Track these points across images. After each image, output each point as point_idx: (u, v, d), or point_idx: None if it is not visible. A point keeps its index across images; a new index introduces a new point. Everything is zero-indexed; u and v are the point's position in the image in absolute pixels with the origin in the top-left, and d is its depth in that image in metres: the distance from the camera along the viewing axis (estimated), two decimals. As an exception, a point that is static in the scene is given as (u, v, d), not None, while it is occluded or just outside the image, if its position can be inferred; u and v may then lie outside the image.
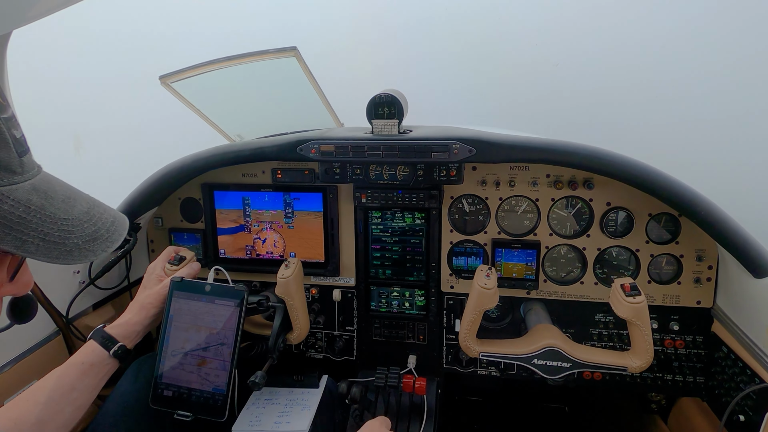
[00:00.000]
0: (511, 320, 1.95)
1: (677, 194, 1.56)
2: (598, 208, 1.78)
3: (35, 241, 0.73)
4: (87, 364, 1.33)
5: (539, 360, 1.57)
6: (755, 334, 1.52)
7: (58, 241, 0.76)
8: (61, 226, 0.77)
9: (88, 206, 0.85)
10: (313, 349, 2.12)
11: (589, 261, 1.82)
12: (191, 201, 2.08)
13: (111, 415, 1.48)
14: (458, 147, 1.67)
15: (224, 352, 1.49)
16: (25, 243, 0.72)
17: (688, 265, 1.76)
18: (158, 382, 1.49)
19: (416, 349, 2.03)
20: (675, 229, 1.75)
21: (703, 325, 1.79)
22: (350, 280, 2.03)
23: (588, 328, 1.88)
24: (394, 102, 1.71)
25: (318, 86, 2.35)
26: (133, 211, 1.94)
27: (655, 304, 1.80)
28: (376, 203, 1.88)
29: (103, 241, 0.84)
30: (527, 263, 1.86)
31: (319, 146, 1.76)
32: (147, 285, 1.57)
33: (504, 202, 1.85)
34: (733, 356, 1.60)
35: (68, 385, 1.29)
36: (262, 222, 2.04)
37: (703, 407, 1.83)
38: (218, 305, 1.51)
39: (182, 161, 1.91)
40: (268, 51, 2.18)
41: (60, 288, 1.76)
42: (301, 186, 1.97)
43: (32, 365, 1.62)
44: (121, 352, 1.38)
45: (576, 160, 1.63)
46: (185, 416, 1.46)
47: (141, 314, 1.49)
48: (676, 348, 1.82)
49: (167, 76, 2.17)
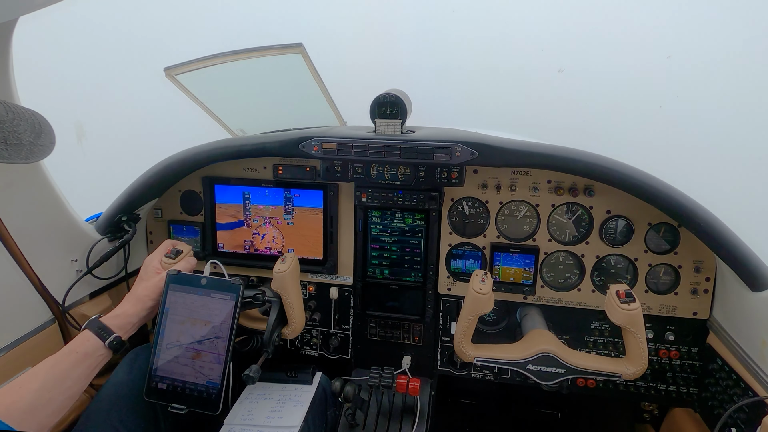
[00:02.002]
0: (507, 324, 1.95)
1: (677, 205, 1.56)
2: (598, 215, 1.78)
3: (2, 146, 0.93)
4: (81, 354, 1.34)
5: (534, 365, 1.57)
6: (750, 348, 1.52)
7: (17, 142, 0.96)
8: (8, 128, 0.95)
9: (4, 106, 1.00)
10: (309, 346, 2.12)
11: (587, 268, 1.82)
12: (191, 194, 2.08)
13: (105, 403, 1.48)
14: (460, 149, 1.67)
15: (219, 346, 1.49)
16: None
17: (685, 276, 1.76)
18: (153, 374, 1.49)
19: (411, 350, 2.03)
20: (674, 240, 1.75)
21: (698, 337, 1.79)
22: (348, 278, 2.03)
23: (584, 335, 1.89)
24: (397, 102, 1.71)
25: (322, 84, 2.35)
26: (133, 202, 1.94)
27: (651, 313, 1.80)
28: (377, 203, 1.88)
29: (46, 134, 1.04)
30: (525, 268, 1.86)
31: (322, 144, 1.76)
32: (144, 277, 1.57)
33: (504, 206, 1.85)
34: (728, 369, 1.60)
35: (61, 374, 1.29)
36: (262, 217, 2.04)
37: (695, 418, 1.83)
38: (214, 299, 1.51)
39: (184, 154, 1.91)
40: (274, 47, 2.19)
41: (57, 276, 1.76)
42: (301, 183, 1.97)
43: (27, 352, 1.62)
44: (116, 343, 1.38)
45: (577, 167, 1.63)
46: (179, 409, 1.46)
47: (137, 306, 1.49)
48: (670, 358, 1.82)
49: (172, 68, 2.17)
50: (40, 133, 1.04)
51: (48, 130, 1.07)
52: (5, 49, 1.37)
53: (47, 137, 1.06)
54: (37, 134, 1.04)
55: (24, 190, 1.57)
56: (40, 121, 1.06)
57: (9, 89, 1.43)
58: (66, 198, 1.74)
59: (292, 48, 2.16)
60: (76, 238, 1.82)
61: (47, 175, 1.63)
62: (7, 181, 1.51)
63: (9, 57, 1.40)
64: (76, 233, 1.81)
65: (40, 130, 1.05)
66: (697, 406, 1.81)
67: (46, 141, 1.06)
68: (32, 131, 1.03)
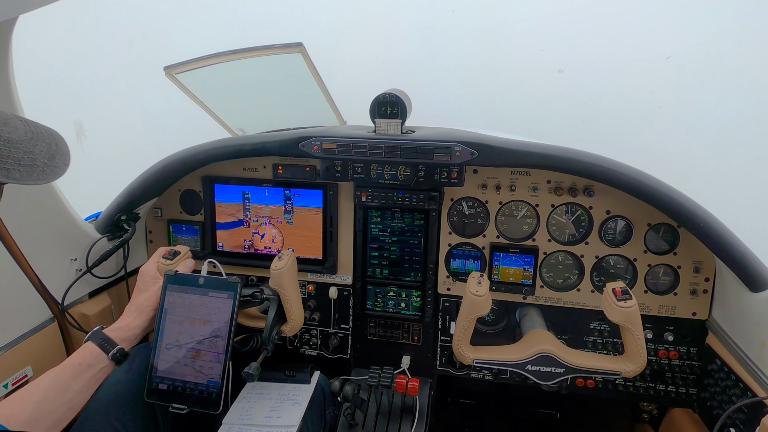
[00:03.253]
0: (506, 324, 1.95)
1: (677, 205, 1.56)
2: (597, 215, 1.78)
3: (15, 167, 0.89)
4: (84, 366, 1.33)
5: (533, 366, 1.57)
6: (749, 348, 1.52)
7: (30, 163, 0.92)
8: (24, 149, 0.91)
9: (24, 125, 0.96)
10: (308, 345, 2.12)
11: (587, 268, 1.82)
12: (191, 193, 2.07)
13: (103, 403, 1.48)
14: (460, 149, 1.67)
15: (218, 345, 1.49)
16: (10, 171, 0.88)
17: (685, 277, 1.76)
18: (153, 375, 1.49)
19: (410, 350, 2.03)
20: (673, 240, 1.75)
21: (697, 337, 1.79)
22: (347, 278, 2.03)
23: (583, 335, 1.89)
24: (397, 102, 1.71)
25: (322, 83, 2.35)
26: (132, 201, 1.94)
27: (650, 314, 1.80)
28: (376, 202, 1.88)
29: (61, 156, 1.00)
30: (524, 268, 1.86)
31: (321, 143, 1.76)
32: (142, 287, 1.55)
33: (504, 207, 1.85)
34: (727, 369, 1.60)
35: (63, 385, 1.29)
36: (262, 217, 2.04)
37: (694, 419, 1.83)
38: (212, 298, 1.51)
39: (184, 153, 1.91)
40: (274, 46, 2.19)
41: (57, 275, 1.75)
42: (301, 182, 1.97)
43: (26, 351, 1.62)
44: (119, 355, 1.37)
45: (577, 167, 1.63)
46: (180, 409, 1.46)
47: (140, 318, 1.48)
48: (669, 359, 1.82)
49: (172, 67, 2.17)
50: (55, 154, 0.99)
51: (64, 151, 1.02)
52: (5, 47, 1.37)
53: (62, 158, 1.01)
54: (52, 156, 0.98)
55: (24, 189, 1.57)
56: (57, 142, 1.01)
57: (9, 88, 1.43)
58: (65, 197, 1.74)
59: (292, 47, 2.16)
60: (75, 237, 1.82)
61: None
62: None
63: (9, 56, 1.40)
64: (75, 232, 1.81)
65: (56, 151, 1.00)
66: (696, 406, 1.81)
67: (60, 162, 1.00)
68: (48, 152, 0.97)
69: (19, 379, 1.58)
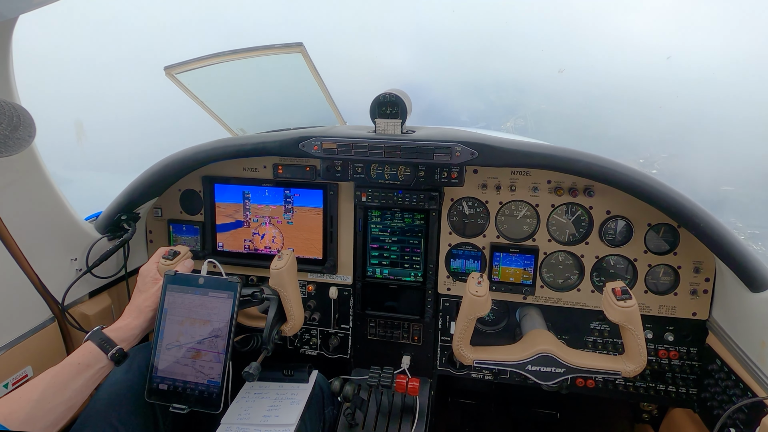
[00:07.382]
0: (506, 324, 1.95)
1: (677, 205, 1.56)
2: (597, 215, 1.78)
3: None
4: (83, 365, 1.33)
5: (533, 366, 1.57)
6: (750, 348, 1.52)
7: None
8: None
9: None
10: (308, 345, 2.12)
11: (587, 268, 1.82)
12: (191, 193, 2.07)
13: (103, 403, 1.48)
14: (460, 149, 1.67)
15: (218, 344, 1.49)
16: None
17: (685, 277, 1.76)
18: (153, 375, 1.49)
19: (411, 350, 2.03)
20: (674, 240, 1.75)
21: (697, 337, 1.79)
22: (347, 278, 2.03)
23: (583, 335, 1.89)
24: (397, 102, 1.71)
25: (323, 83, 2.35)
26: (133, 201, 1.94)
27: (650, 314, 1.80)
28: (377, 202, 1.88)
29: (24, 128, 1.03)
30: (525, 268, 1.86)
31: (322, 143, 1.76)
32: (142, 288, 1.55)
33: (504, 207, 1.85)
34: (727, 369, 1.60)
35: (62, 384, 1.29)
36: (262, 217, 2.04)
37: (694, 419, 1.83)
38: (212, 297, 1.51)
39: (184, 153, 1.91)
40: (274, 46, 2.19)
41: (57, 275, 1.75)
42: (301, 182, 1.97)
43: (26, 351, 1.62)
44: (118, 355, 1.38)
45: (577, 167, 1.63)
46: (180, 409, 1.46)
47: (140, 318, 1.48)
48: (670, 359, 1.82)
49: (172, 67, 2.17)
50: (17, 126, 1.04)
51: (27, 124, 1.06)
52: (5, 47, 1.37)
53: (25, 130, 1.06)
54: (14, 127, 1.03)
55: (24, 189, 1.57)
56: (20, 114, 1.05)
57: (9, 88, 1.43)
58: (65, 197, 1.74)
59: (293, 47, 2.16)
60: (75, 237, 1.82)
61: (47, 174, 1.63)
62: (7, 181, 1.51)
63: (9, 55, 1.40)
64: (75, 232, 1.81)
65: (18, 123, 1.04)
66: (696, 406, 1.81)
67: (23, 134, 1.05)
68: (9, 124, 1.02)
69: (19, 379, 1.58)
